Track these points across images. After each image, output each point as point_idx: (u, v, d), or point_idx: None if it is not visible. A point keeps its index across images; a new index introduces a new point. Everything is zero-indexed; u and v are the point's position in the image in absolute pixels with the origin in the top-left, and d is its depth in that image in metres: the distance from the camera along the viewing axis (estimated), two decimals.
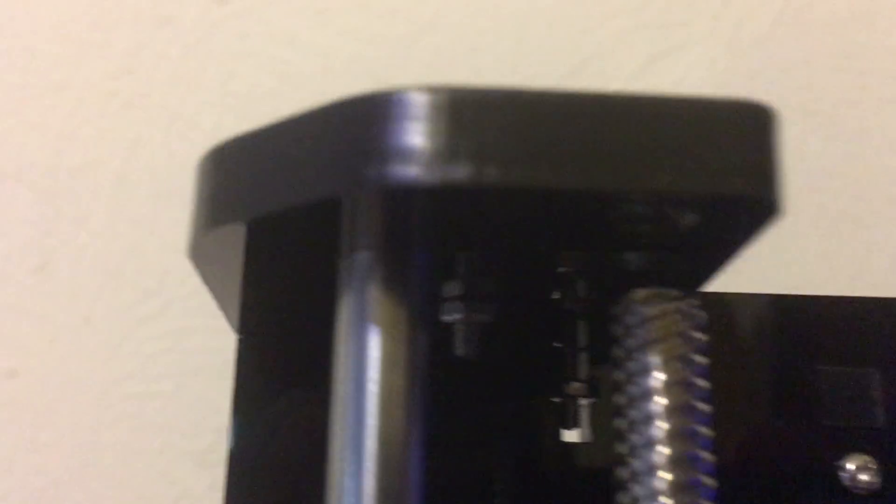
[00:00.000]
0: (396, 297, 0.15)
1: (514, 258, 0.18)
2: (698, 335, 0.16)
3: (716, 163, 0.13)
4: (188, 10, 0.44)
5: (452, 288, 0.18)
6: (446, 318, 0.18)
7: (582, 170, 0.12)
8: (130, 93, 0.44)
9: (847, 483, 0.22)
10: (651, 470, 0.15)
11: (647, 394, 0.15)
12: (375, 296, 0.15)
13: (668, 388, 0.15)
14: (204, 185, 0.14)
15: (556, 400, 0.22)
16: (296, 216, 0.14)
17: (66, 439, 0.59)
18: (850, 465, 0.23)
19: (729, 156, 0.13)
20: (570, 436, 0.22)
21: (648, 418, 0.15)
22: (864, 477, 0.22)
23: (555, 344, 0.21)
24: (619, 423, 0.16)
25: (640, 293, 0.16)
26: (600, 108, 0.13)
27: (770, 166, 0.13)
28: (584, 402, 0.22)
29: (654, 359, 0.15)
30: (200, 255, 0.15)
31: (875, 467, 0.22)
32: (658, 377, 0.15)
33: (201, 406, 0.42)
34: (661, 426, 0.15)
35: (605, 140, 0.12)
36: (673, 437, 0.15)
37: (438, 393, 0.18)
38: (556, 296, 0.20)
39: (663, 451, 0.15)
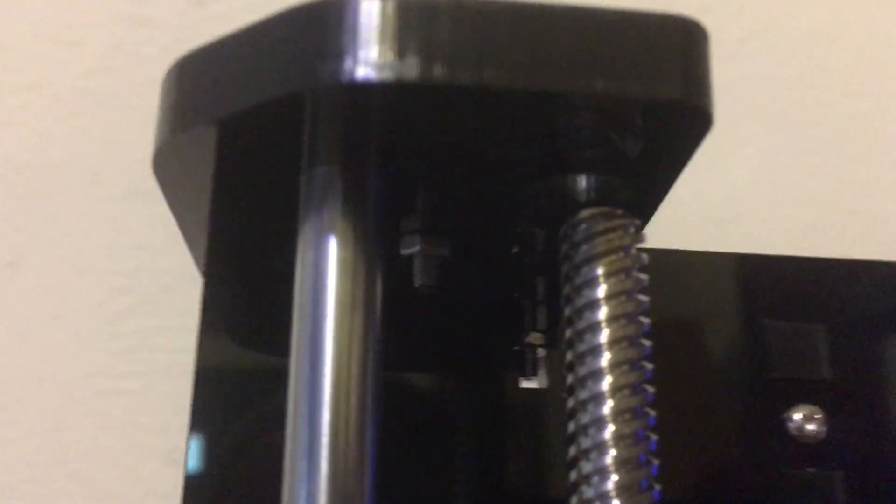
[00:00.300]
0: (354, 213, 0.16)
1: (472, 196, 0.18)
2: (639, 253, 0.16)
3: (650, 69, 0.13)
4: (165, 11, 0.45)
5: (411, 222, 0.19)
6: (405, 250, 0.19)
7: (523, 71, 0.13)
8: (105, 92, 0.44)
9: (794, 433, 0.23)
10: (596, 395, 0.16)
11: (593, 304, 0.15)
12: (334, 211, 0.15)
13: (611, 299, 0.16)
14: (170, 95, 0.15)
15: (516, 348, 0.23)
16: (261, 123, 0.14)
17: (32, 436, 0.58)
18: (797, 416, 0.23)
19: (662, 63, 0.14)
20: (529, 383, 0.23)
21: (593, 330, 0.16)
22: (810, 427, 0.23)
23: (514, 295, 0.22)
24: (568, 352, 0.17)
25: (587, 212, 0.16)
26: (543, 15, 0.13)
27: (700, 74, 0.14)
28: (541, 351, 0.23)
29: (599, 270, 0.16)
30: (166, 168, 0.16)
31: (820, 417, 0.23)
32: (602, 287, 0.16)
33: (169, 404, 0.42)
34: (605, 336, 0.16)
35: (546, 45, 0.13)
36: (614, 348, 0.15)
37: (399, 326, 0.19)
38: (515, 250, 0.21)
39: (607, 367, 0.16)
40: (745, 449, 0.23)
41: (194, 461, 0.22)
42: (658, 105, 0.14)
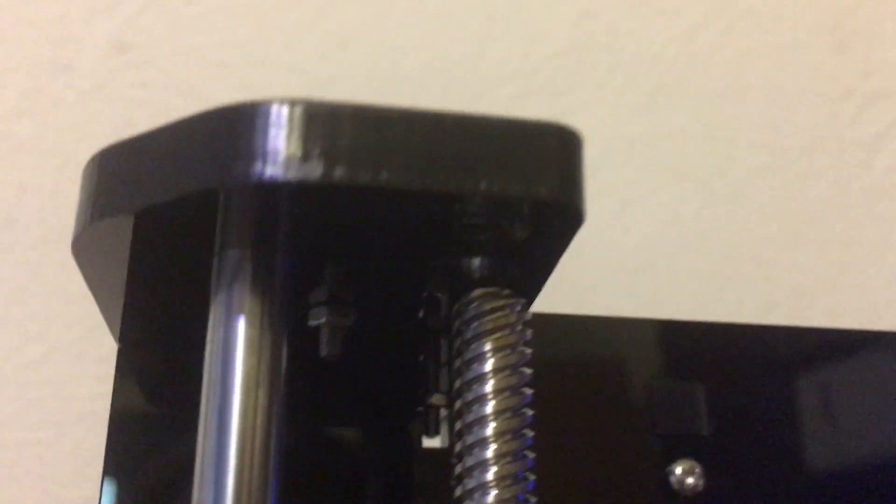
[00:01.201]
0: (262, 293, 0.17)
1: (377, 269, 0.20)
2: (524, 329, 0.18)
3: (528, 171, 0.15)
4: (87, 56, 0.45)
5: (319, 294, 0.20)
6: (312, 322, 0.20)
7: (416, 172, 0.15)
8: (23, 136, 0.44)
9: (675, 486, 0.25)
10: (481, 457, 0.17)
11: (481, 378, 0.17)
12: (243, 291, 0.17)
13: (497, 373, 0.17)
14: (89, 183, 0.16)
15: (419, 409, 0.24)
16: (175, 214, 0.16)
17: None
18: (678, 470, 0.25)
19: (539, 166, 0.15)
20: (431, 441, 0.24)
21: (480, 402, 0.17)
22: (690, 480, 0.25)
23: (419, 358, 0.23)
24: (457, 421, 0.18)
25: (478, 291, 0.18)
26: (435, 121, 0.15)
27: (574, 176, 0.16)
28: (444, 412, 0.24)
29: (486, 346, 0.17)
30: (84, 252, 0.17)
31: (700, 471, 0.25)
32: (489, 362, 0.17)
33: (82, 454, 0.42)
34: (491, 408, 0.17)
35: (437, 148, 0.15)
36: (499, 419, 0.17)
37: (305, 394, 0.20)
38: (420, 314, 0.22)
39: (491, 437, 0.17)
40: (631, 502, 0.25)
41: None
42: (535, 202, 0.16)
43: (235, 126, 0.15)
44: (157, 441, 0.24)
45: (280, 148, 0.14)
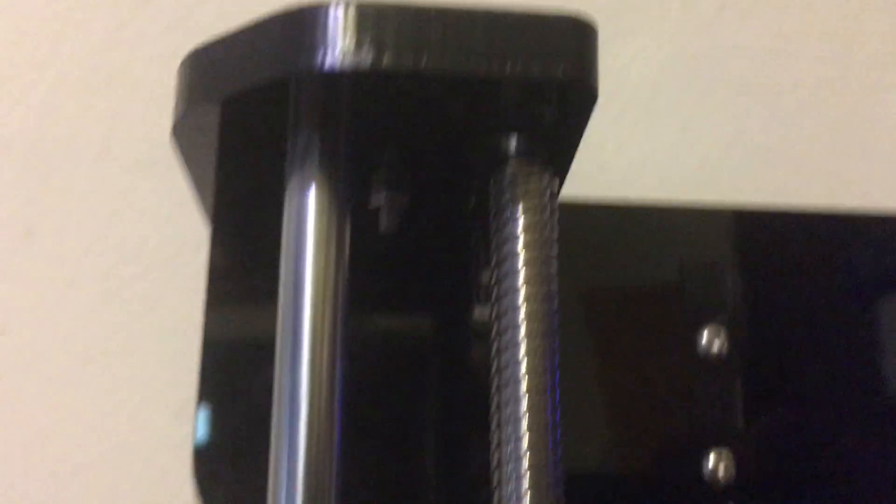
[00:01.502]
0: (328, 170, 0.20)
1: (429, 153, 0.23)
2: (553, 197, 0.21)
3: (548, 55, 0.18)
4: None
5: (378, 176, 0.23)
6: (373, 201, 0.23)
7: (451, 59, 0.18)
8: (111, 69, 0.48)
9: (701, 352, 0.28)
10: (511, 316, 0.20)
11: (513, 237, 0.20)
12: (312, 168, 0.20)
13: (530, 228, 0.20)
14: (182, 80, 0.19)
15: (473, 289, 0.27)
16: (255, 103, 0.19)
17: (49, 393, 0.63)
18: (706, 334, 0.28)
19: (557, 50, 0.18)
20: (481, 313, 0.28)
21: (513, 256, 0.20)
22: (716, 345, 0.28)
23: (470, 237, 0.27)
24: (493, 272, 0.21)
25: (513, 162, 0.21)
26: (466, 16, 0.18)
27: (587, 59, 0.19)
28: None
29: (519, 208, 0.20)
30: (180, 140, 0.20)
31: (724, 335, 0.28)
32: (521, 219, 0.20)
33: (179, 362, 0.46)
34: (522, 260, 0.20)
35: (469, 39, 0.18)
36: (529, 267, 0.20)
37: (369, 267, 0.24)
38: (472, 200, 0.25)
39: (521, 296, 0.20)
40: (658, 368, 0.28)
41: (202, 431, 0.25)
42: (554, 83, 0.18)
43: (300, 25, 0.18)
44: (251, 363, 0.25)
45: (337, 41, 0.18)
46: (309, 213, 0.20)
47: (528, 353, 0.20)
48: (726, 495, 0.27)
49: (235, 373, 0.25)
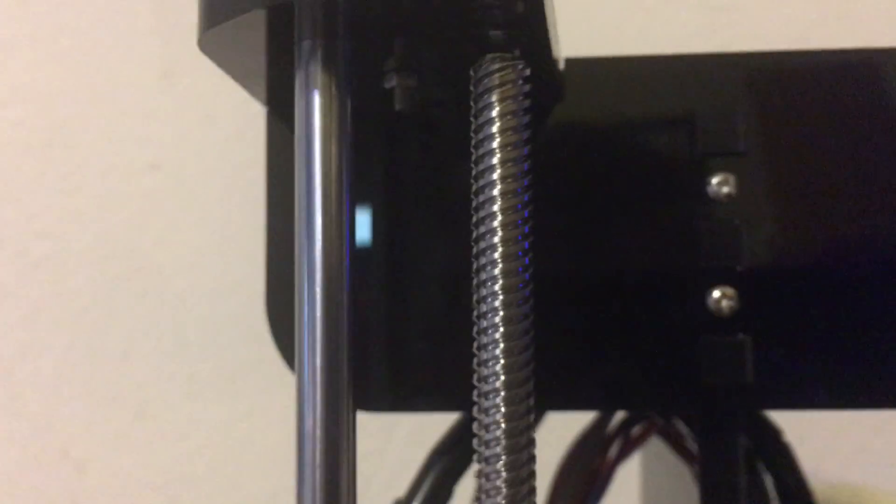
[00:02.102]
0: (329, 71, 0.24)
1: (428, 43, 0.26)
2: (524, 83, 0.24)
3: None
4: None
5: (389, 63, 0.27)
6: (386, 84, 0.27)
7: None
8: None
9: (711, 195, 0.31)
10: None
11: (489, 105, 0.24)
12: (316, 71, 0.24)
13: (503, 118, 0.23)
14: None
15: None
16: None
17: (207, 218, 0.72)
18: (715, 180, 0.30)
19: None
20: None
21: (489, 139, 0.24)
22: (724, 189, 0.30)
23: None
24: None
25: (489, 56, 0.24)
26: None
27: None
28: None
29: (494, 97, 0.23)
30: (209, 47, 0.24)
31: (734, 181, 0.30)
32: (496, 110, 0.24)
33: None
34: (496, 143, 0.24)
35: None
36: (503, 151, 0.23)
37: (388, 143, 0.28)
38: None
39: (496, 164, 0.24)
40: (668, 207, 0.31)
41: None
42: None
43: None
44: None
45: None
46: (315, 109, 0.24)
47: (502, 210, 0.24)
48: (731, 326, 0.30)
49: None
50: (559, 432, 0.35)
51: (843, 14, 0.65)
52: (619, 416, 0.36)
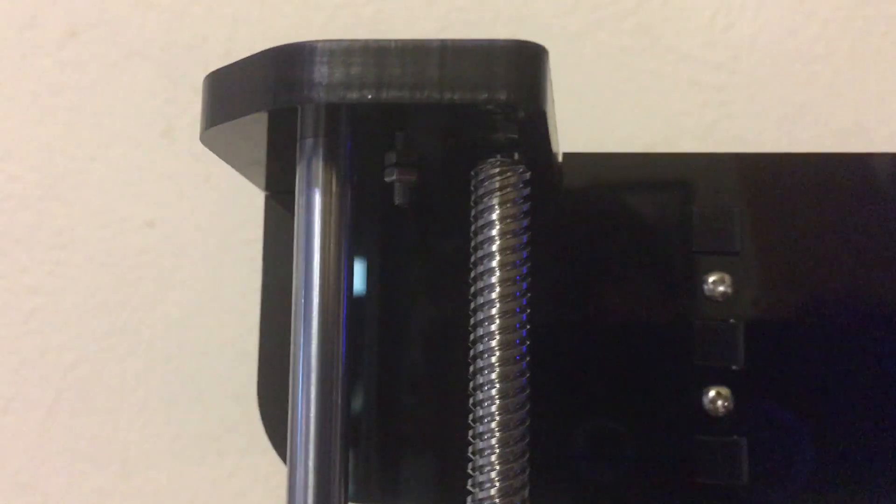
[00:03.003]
0: (331, 168, 0.24)
1: (430, 141, 0.26)
2: (525, 186, 0.24)
3: (492, 81, 0.21)
4: None
5: (389, 157, 0.27)
6: (387, 178, 0.27)
7: (407, 89, 0.21)
8: None
9: (707, 293, 0.31)
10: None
11: (489, 208, 0.24)
12: (317, 169, 0.24)
13: (503, 221, 0.23)
14: (204, 97, 0.23)
15: None
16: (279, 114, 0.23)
17: (200, 278, 0.72)
18: (712, 279, 0.30)
19: (502, 76, 0.21)
20: None
21: (489, 241, 0.24)
22: (720, 288, 0.30)
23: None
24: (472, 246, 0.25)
25: (490, 159, 0.24)
26: (423, 50, 0.21)
27: (533, 81, 0.21)
28: None
29: (495, 200, 0.24)
30: (211, 143, 0.24)
31: (729, 281, 0.30)
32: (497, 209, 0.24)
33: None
34: (496, 246, 0.24)
35: (427, 68, 0.21)
36: (504, 253, 0.23)
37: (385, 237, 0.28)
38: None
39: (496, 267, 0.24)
40: (665, 307, 0.31)
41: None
42: (499, 106, 0.21)
43: (292, 57, 0.21)
44: None
45: (312, 76, 0.21)
46: (315, 204, 0.24)
47: (500, 329, 0.24)
48: (727, 426, 0.30)
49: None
50: None
51: (834, 96, 0.65)
52: None
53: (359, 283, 0.31)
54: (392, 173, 0.27)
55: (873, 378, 0.30)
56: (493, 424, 0.23)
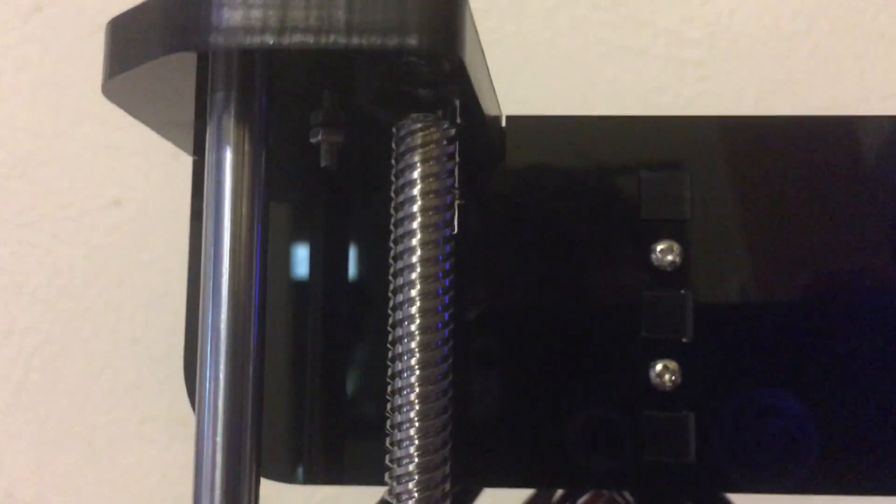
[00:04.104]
0: (242, 124, 0.23)
1: (357, 99, 0.25)
2: (449, 143, 0.23)
3: (404, 27, 0.19)
4: None
5: (316, 116, 0.25)
6: (312, 139, 0.26)
7: (312, 34, 0.19)
8: None
9: (655, 263, 0.29)
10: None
11: (410, 166, 0.22)
12: (227, 124, 0.22)
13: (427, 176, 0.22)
14: (106, 44, 0.22)
15: None
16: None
17: (167, 257, 0.71)
18: (660, 247, 0.29)
19: (414, 23, 0.19)
20: None
21: (409, 202, 0.22)
22: (669, 257, 0.29)
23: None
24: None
25: (412, 115, 0.23)
26: None
27: (449, 28, 0.19)
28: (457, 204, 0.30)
29: (416, 157, 0.22)
30: (117, 95, 0.23)
31: (679, 250, 0.29)
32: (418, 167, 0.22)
33: None
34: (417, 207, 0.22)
35: (333, 11, 0.19)
36: (426, 213, 0.22)
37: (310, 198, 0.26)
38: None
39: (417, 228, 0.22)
40: (613, 278, 0.29)
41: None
42: (411, 53, 0.20)
43: (186, 1, 0.20)
44: None
45: (210, 20, 0.20)
46: (226, 164, 0.22)
47: (420, 295, 0.22)
48: (674, 400, 0.29)
49: None
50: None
51: (812, 72, 0.64)
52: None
53: (281, 248, 0.30)
54: (317, 134, 0.25)
55: (825, 350, 0.28)
56: (413, 396, 0.22)
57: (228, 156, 0.23)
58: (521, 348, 0.29)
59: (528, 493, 0.33)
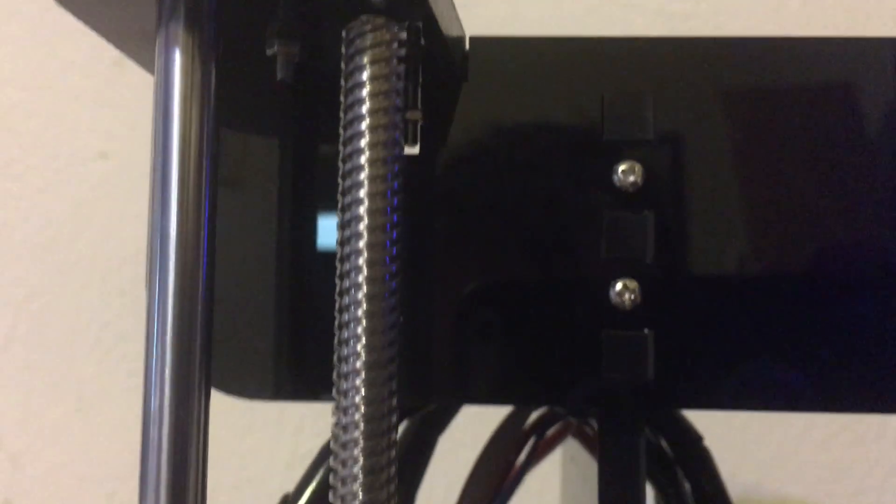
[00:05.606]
0: (193, 28, 0.23)
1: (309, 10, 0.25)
2: (399, 46, 0.23)
3: None
4: None
5: (272, 27, 0.25)
6: (268, 50, 0.25)
7: None
8: None
9: (617, 184, 0.29)
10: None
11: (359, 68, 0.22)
12: (178, 27, 0.22)
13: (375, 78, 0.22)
14: None
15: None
16: None
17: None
18: (622, 168, 0.29)
19: None
20: (410, 150, 0.30)
21: (358, 104, 0.22)
22: (630, 178, 0.29)
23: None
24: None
25: (362, 17, 0.23)
26: None
27: None
28: (420, 123, 0.30)
29: (366, 58, 0.22)
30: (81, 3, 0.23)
31: (640, 170, 0.29)
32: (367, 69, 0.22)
33: None
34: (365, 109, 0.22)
35: None
36: (374, 116, 0.22)
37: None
38: None
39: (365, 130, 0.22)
40: (574, 201, 0.29)
41: None
42: None
43: None
44: None
45: None
46: (175, 72, 0.22)
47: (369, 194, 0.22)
48: (634, 319, 0.29)
49: None
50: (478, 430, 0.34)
51: (803, 22, 0.64)
52: (535, 415, 0.35)
53: (235, 159, 0.30)
54: (273, 45, 0.25)
55: (784, 268, 0.29)
56: (360, 312, 0.22)
57: (177, 61, 0.23)
58: (482, 267, 0.29)
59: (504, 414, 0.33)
